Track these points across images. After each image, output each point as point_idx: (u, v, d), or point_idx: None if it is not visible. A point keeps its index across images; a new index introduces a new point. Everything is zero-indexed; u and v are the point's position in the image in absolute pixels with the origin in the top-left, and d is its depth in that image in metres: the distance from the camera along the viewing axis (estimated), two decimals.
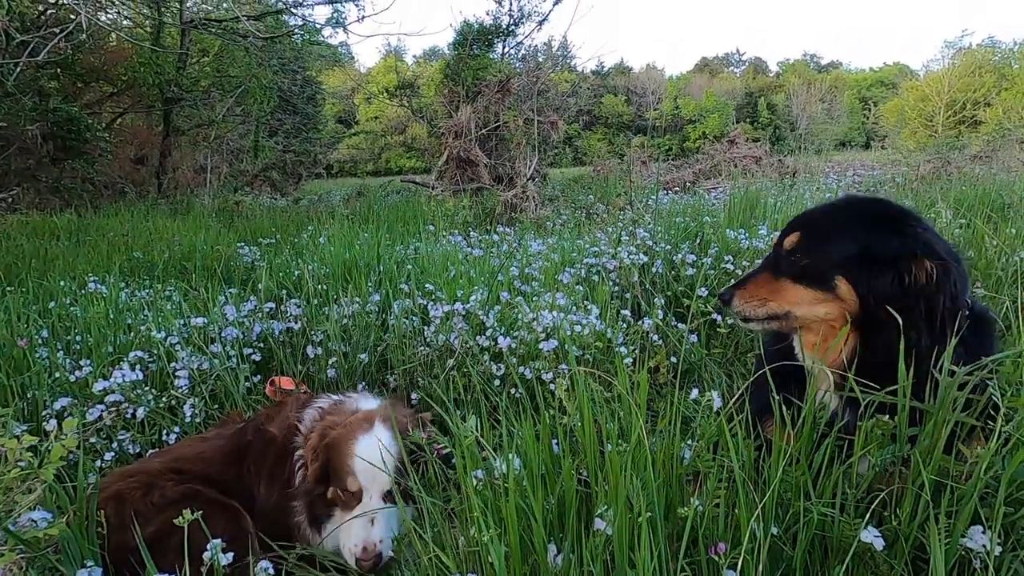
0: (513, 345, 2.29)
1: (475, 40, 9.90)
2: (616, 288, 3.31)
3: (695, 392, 1.21)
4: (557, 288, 3.07)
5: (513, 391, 2.17)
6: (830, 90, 52.45)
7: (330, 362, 2.38)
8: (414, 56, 44.79)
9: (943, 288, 1.15)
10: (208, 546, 1.33)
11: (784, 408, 1.15)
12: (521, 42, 11.87)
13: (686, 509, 1.02)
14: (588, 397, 1.15)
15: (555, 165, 15.77)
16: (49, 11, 10.31)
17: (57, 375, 2.19)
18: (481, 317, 2.44)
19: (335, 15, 14.46)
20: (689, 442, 1.25)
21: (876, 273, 1.16)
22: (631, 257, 3.45)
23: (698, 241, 3.60)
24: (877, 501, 1.06)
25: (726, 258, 3.14)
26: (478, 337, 2.33)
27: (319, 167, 18.33)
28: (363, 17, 12.64)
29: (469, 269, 3.39)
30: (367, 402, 1.81)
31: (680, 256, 3.25)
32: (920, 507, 1.01)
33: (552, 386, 2.18)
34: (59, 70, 11.22)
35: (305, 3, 14.21)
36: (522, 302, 2.64)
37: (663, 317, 2.77)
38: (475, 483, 1.18)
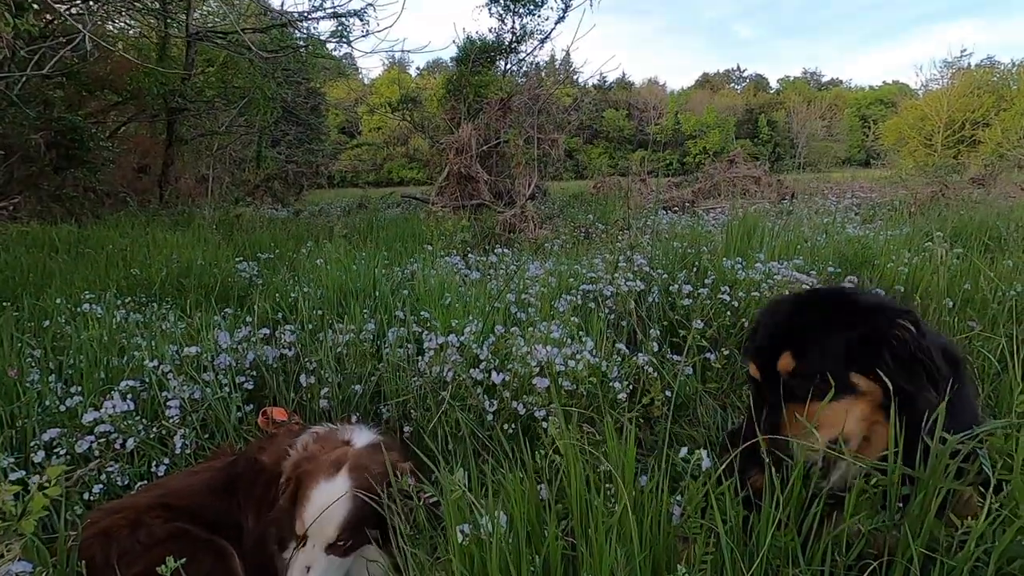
0: (507, 379, 2.28)
1: (477, 57, 9.98)
2: (612, 316, 3.31)
3: (684, 450, 1.20)
4: (553, 316, 3.07)
5: (506, 427, 2.16)
6: (830, 108, 52.91)
7: (322, 392, 2.37)
8: (417, 68, 45.21)
9: (923, 334, 1.18)
10: None
11: (773, 470, 1.14)
12: (523, 59, 12.00)
13: None
14: (576, 456, 1.14)
15: (556, 179, 15.87)
16: (56, 21, 10.40)
17: (48, 402, 2.18)
18: (475, 350, 2.43)
19: (340, 29, 14.61)
20: (678, 498, 1.24)
21: (875, 353, 1.16)
22: (628, 284, 3.45)
23: (695, 269, 3.60)
24: (869, 570, 1.05)
25: (723, 288, 3.14)
26: (472, 370, 2.32)
27: (321, 178, 18.40)
28: (368, 33, 12.72)
29: (466, 293, 3.39)
30: (359, 436, 1.78)
31: (676, 286, 3.25)
32: None
33: (545, 424, 2.17)
34: (64, 79, 11.29)
35: (310, 17, 14.37)
36: (517, 332, 2.64)
37: (659, 349, 2.76)
38: (461, 539, 1.17)
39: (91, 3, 10.83)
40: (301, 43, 14.93)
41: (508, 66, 11.97)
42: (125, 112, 13.96)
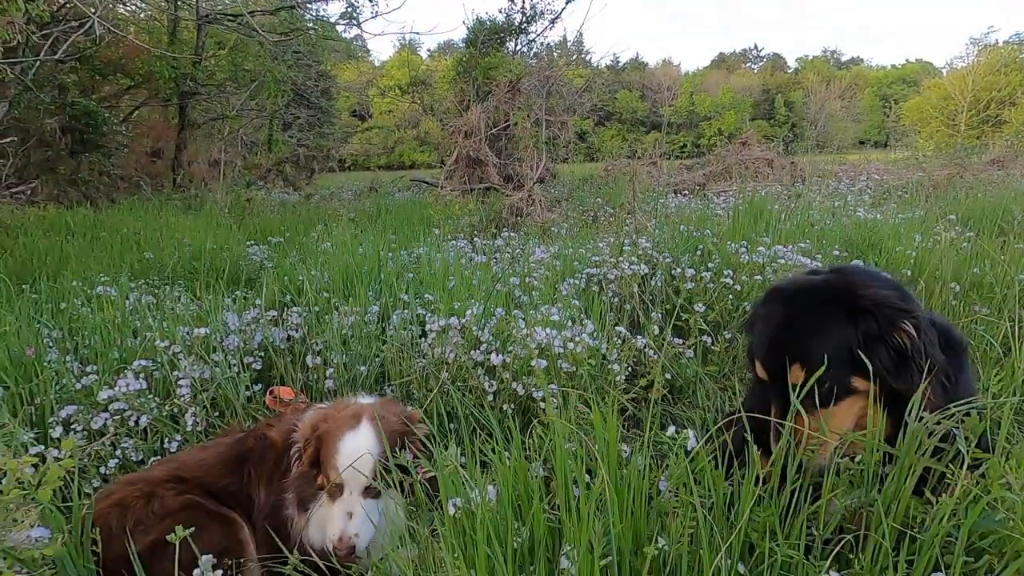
0: (507, 360, 2.33)
1: (486, 39, 9.89)
2: (616, 299, 3.33)
3: (671, 429, 1.24)
4: (556, 300, 3.10)
5: (506, 407, 2.21)
6: (849, 87, 51.68)
7: (328, 373, 2.43)
8: (428, 50, 44.81)
9: (923, 339, 1.20)
10: (200, 563, 1.39)
11: (758, 448, 1.17)
12: (533, 40, 11.86)
13: (653, 548, 1.05)
14: (561, 435, 1.18)
15: (566, 161, 15.78)
16: (68, 4, 10.46)
17: (65, 381, 2.26)
18: (476, 333, 2.48)
19: (349, 9, 14.54)
20: (667, 473, 1.28)
21: (875, 353, 1.19)
22: (632, 268, 3.46)
23: (699, 253, 3.60)
24: (842, 543, 1.08)
25: (726, 272, 3.14)
26: (473, 352, 2.37)
27: (332, 161, 18.43)
28: (376, 14, 12.67)
29: (471, 276, 3.43)
30: (364, 398, 1.87)
31: (680, 270, 3.26)
32: (881, 553, 1.03)
33: (543, 404, 2.22)
34: (77, 63, 11.39)
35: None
36: (519, 315, 2.68)
37: (660, 332, 2.78)
38: (452, 511, 1.22)
39: None
40: (311, 25, 14.91)
41: (518, 47, 11.84)
42: (138, 96, 14.04)
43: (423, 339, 2.57)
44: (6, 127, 9.46)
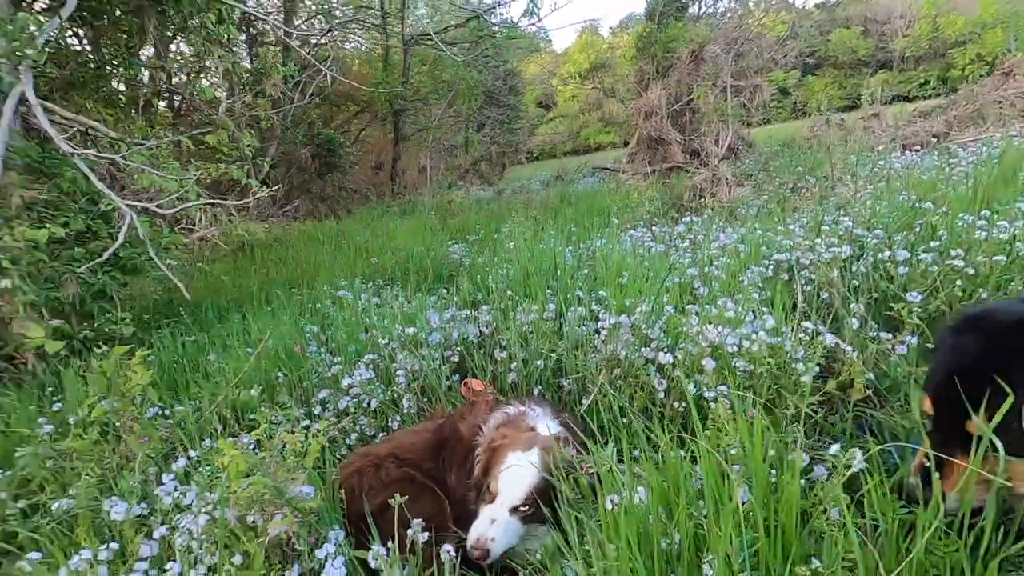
0: (680, 357, 2.33)
1: (665, 9, 9.45)
2: (810, 288, 3.03)
3: (835, 447, 1.18)
4: (738, 291, 2.96)
5: (676, 405, 2.23)
6: None
7: (511, 367, 2.71)
8: (610, 28, 43.90)
9: None
10: (413, 524, 1.74)
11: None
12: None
13: (805, 568, 1.04)
14: (712, 452, 1.22)
15: (766, 123, 14.30)
16: (310, 54, 12.84)
17: (320, 370, 2.93)
18: (646, 331, 2.52)
19: (531, 5, 15.14)
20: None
21: None
22: (831, 250, 3.11)
23: (918, 229, 3.06)
24: None
25: (954, 252, 2.64)
26: (643, 349, 2.42)
27: (520, 155, 19.50)
28: (555, 7, 12.98)
29: (647, 269, 3.44)
30: (543, 425, 2.01)
31: (890, 253, 2.84)
32: None
33: (713, 404, 2.18)
34: (319, 99, 13.93)
35: (503, 2, 15.17)
36: (693, 310, 2.64)
37: (860, 326, 2.48)
38: (609, 506, 1.34)
39: (333, 32, 13.05)
40: (495, 27, 15.92)
41: (702, 9, 11.06)
42: (363, 119, 16.62)
43: (596, 335, 2.70)
44: (276, 160, 12.07)
